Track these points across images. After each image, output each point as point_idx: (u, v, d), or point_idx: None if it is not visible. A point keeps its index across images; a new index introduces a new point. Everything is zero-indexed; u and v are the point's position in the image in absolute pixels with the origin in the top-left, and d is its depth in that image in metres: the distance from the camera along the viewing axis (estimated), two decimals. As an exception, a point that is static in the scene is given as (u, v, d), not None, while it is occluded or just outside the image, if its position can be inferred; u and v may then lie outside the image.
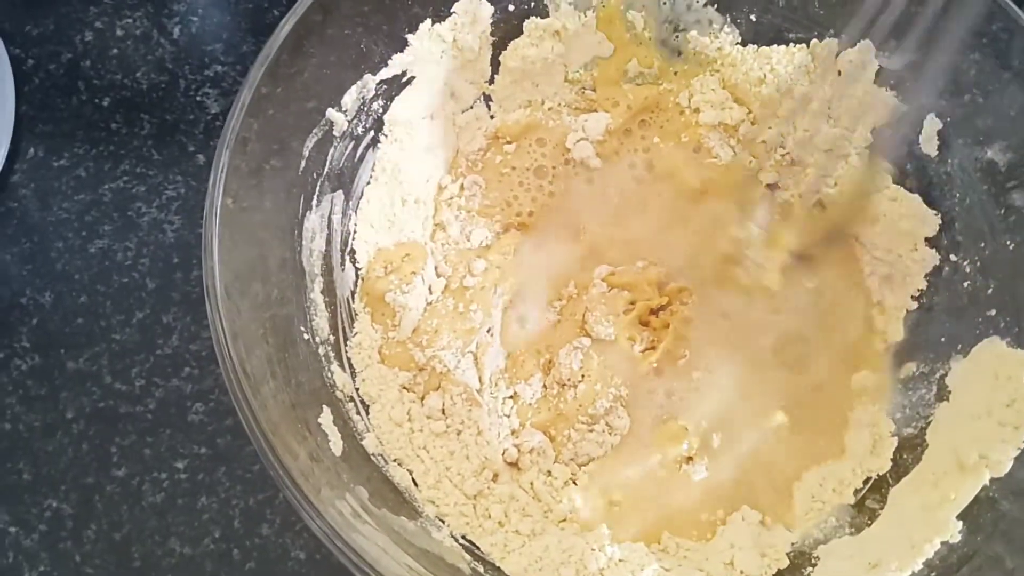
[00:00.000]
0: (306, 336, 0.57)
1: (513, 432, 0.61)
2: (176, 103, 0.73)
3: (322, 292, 0.59)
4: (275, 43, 0.54)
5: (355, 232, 0.63)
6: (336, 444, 0.53)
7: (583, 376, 0.62)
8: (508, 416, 0.61)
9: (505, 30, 0.66)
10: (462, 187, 0.67)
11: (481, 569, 0.52)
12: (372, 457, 0.56)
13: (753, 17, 0.67)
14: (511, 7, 0.65)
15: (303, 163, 0.58)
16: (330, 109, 0.60)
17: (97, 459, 0.62)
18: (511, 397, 0.62)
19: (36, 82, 0.73)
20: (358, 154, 0.63)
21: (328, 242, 0.61)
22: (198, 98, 0.73)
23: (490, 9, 0.64)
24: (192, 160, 0.71)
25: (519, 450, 0.59)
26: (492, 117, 0.69)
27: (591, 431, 0.60)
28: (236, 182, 0.51)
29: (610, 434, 0.60)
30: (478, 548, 0.55)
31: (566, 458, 0.60)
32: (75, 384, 0.64)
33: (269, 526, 0.61)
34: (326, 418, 0.54)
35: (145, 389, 0.64)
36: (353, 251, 0.63)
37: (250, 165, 0.53)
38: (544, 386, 0.62)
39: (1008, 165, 0.59)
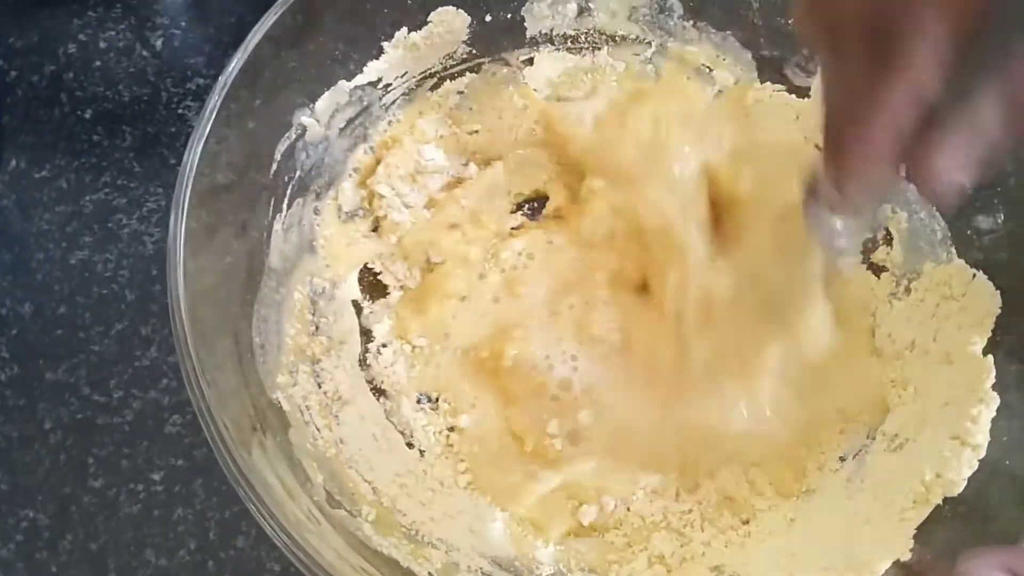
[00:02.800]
0: (272, 339, 0.57)
1: None
2: (158, 116, 0.73)
3: (289, 296, 0.60)
4: (247, 48, 0.55)
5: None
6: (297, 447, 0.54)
7: None
8: None
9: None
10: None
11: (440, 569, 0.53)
12: (330, 460, 0.57)
13: (728, 32, 0.68)
14: (488, 17, 0.66)
15: (274, 167, 0.59)
16: (303, 115, 0.60)
17: (74, 470, 0.62)
18: None
19: (19, 94, 0.74)
20: (330, 159, 0.63)
21: (298, 247, 0.62)
22: (179, 111, 0.74)
23: (467, 19, 0.65)
24: (173, 172, 0.69)
25: None
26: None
27: None
28: (205, 185, 0.52)
29: None
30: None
31: None
32: (53, 395, 0.64)
33: (245, 538, 0.61)
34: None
35: (123, 400, 0.64)
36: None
37: (219, 169, 0.54)
38: None
39: (975, 187, 0.59)
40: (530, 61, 0.70)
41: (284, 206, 0.60)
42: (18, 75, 0.74)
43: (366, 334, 0.64)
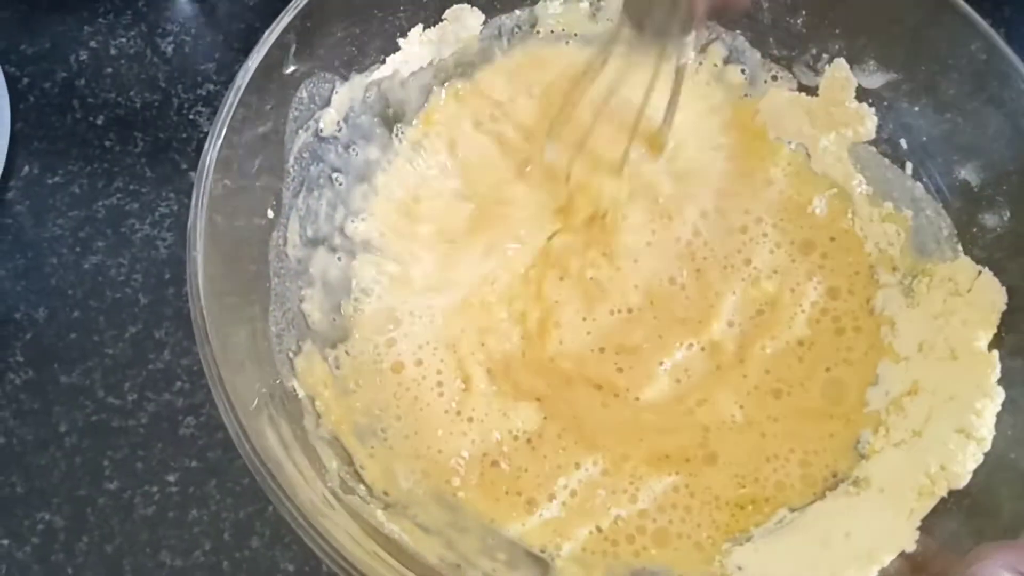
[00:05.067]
0: (288, 328, 0.58)
1: None
2: (169, 121, 0.74)
3: (305, 288, 0.61)
4: (263, 48, 0.56)
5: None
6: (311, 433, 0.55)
7: None
8: None
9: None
10: None
11: (450, 558, 0.53)
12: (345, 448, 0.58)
13: (737, 32, 0.68)
14: (502, 16, 0.67)
15: (290, 161, 0.60)
16: (318, 112, 0.61)
17: (89, 472, 0.63)
18: None
19: (31, 100, 0.75)
20: (346, 156, 0.64)
21: (314, 241, 0.62)
22: (191, 116, 0.74)
23: (481, 17, 0.66)
24: (185, 178, 0.72)
25: None
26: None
27: None
28: (222, 180, 0.53)
29: None
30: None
31: None
32: (68, 398, 0.65)
33: (259, 539, 0.61)
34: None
35: (137, 403, 0.65)
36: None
37: (233, 170, 0.54)
38: None
39: (981, 185, 0.60)
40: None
41: (300, 202, 0.61)
42: (30, 82, 0.75)
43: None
